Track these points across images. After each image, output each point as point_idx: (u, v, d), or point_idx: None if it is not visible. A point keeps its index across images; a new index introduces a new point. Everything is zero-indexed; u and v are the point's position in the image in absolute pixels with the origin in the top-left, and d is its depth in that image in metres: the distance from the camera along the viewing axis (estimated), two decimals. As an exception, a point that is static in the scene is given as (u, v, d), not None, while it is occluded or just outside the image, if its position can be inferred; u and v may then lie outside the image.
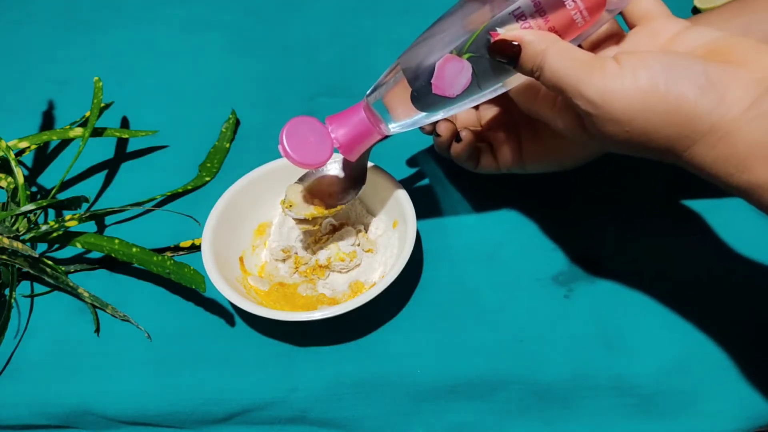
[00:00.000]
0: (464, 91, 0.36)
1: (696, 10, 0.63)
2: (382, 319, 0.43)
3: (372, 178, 0.46)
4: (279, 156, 0.47)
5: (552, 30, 0.33)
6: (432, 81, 0.35)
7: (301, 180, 0.44)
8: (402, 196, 0.44)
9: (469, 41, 0.34)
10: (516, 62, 0.33)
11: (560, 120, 0.35)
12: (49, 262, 0.44)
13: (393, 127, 0.39)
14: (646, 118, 0.30)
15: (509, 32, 0.33)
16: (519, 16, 0.33)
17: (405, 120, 0.38)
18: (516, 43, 0.33)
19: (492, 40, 0.34)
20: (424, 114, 0.37)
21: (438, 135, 0.43)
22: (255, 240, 0.47)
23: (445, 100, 0.36)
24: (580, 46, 0.35)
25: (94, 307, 0.43)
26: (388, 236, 0.45)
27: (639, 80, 0.30)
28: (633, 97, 0.30)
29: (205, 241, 0.42)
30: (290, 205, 0.43)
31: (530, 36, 0.33)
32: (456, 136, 0.43)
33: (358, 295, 0.40)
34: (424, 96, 0.36)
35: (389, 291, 0.39)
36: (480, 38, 0.34)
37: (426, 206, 0.48)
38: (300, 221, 0.44)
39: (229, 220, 0.45)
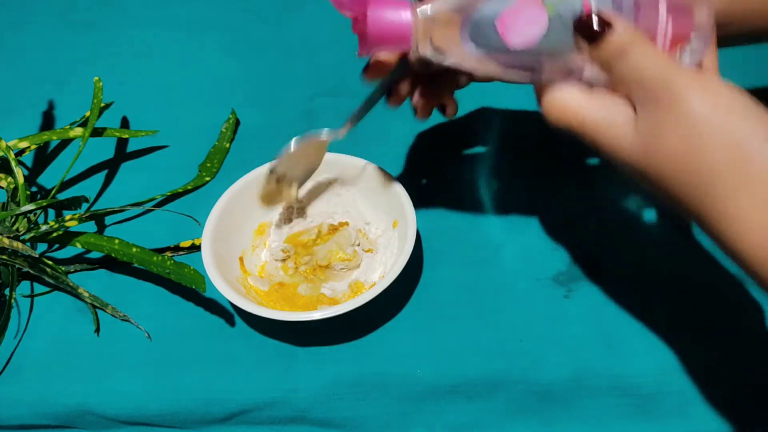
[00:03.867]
0: (520, 51, 0.32)
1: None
2: (382, 319, 0.43)
3: (372, 177, 0.46)
4: (278, 156, 0.47)
5: None
6: (500, 17, 0.31)
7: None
8: (402, 196, 0.44)
9: None
10: (598, 40, 0.31)
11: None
12: (49, 262, 0.44)
13: (425, 51, 0.34)
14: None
15: (604, 11, 0.31)
16: (618, 5, 0.32)
17: (442, 48, 0.33)
18: (609, 23, 0.30)
19: (584, 11, 0.31)
20: (465, 51, 0.33)
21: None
22: (255, 240, 0.47)
23: (495, 48, 0.32)
24: None
25: (94, 307, 0.43)
26: (388, 236, 0.45)
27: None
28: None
29: (205, 241, 0.42)
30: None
31: (624, 22, 0.31)
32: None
33: (358, 295, 0.40)
34: (479, 31, 0.32)
35: (389, 291, 0.39)
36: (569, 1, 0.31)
37: (426, 206, 0.48)
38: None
39: (229, 220, 0.45)
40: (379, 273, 0.44)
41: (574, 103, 0.32)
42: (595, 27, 0.31)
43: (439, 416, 0.41)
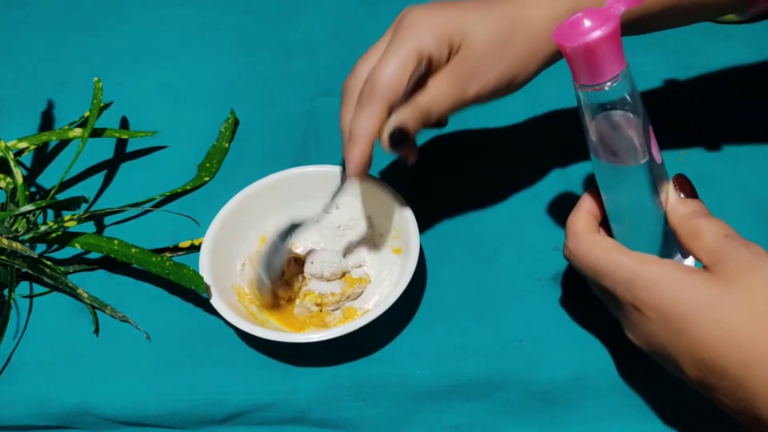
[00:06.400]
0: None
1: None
2: (381, 320, 0.43)
3: (375, 192, 0.45)
4: (276, 158, 0.47)
5: None
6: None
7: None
8: (410, 224, 0.42)
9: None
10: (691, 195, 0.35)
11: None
12: (48, 263, 0.43)
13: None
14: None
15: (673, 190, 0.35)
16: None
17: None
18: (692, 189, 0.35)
19: (677, 179, 0.35)
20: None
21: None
22: (253, 256, 0.46)
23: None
24: None
25: (93, 307, 0.43)
26: (392, 261, 0.45)
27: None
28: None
29: (203, 258, 0.42)
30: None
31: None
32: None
33: (351, 318, 0.40)
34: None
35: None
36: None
37: (425, 206, 0.48)
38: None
39: (228, 235, 0.44)
40: (374, 301, 0.44)
41: (626, 252, 0.34)
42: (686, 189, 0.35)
43: (439, 416, 0.41)
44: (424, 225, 0.47)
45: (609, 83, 0.31)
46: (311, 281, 0.45)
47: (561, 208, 0.47)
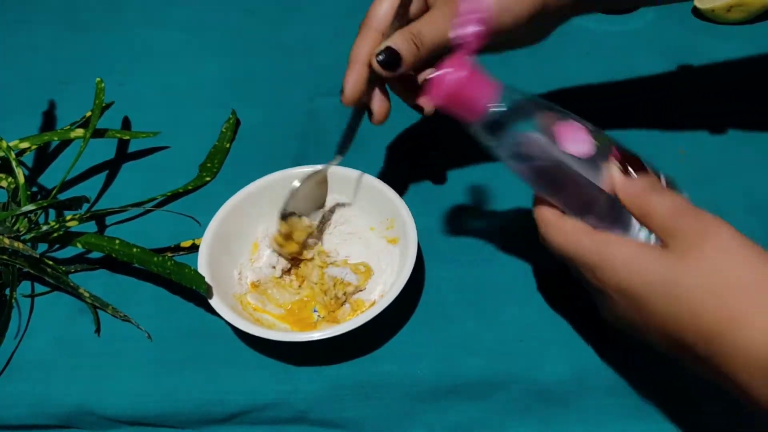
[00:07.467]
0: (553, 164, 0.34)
1: (696, 10, 0.63)
2: (382, 319, 0.43)
3: (370, 190, 0.45)
4: (277, 158, 0.47)
5: None
6: (557, 126, 0.34)
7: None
8: (403, 211, 0.43)
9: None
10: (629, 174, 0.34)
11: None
12: (50, 262, 0.44)
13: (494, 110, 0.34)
14: None
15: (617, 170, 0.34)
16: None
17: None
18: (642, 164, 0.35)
19: (622, 154, 0.35)
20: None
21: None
22: (252, 254, 0.46)
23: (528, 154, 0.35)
24: None
25: (95, 307, 0.43)
26: (390, 251, 0.45)
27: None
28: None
29: (202, 259, 0.42)
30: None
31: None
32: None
33: (358, 313, 0.40)
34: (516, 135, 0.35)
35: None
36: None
37: (425, 206, 0.48)
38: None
39: (227, 235, 0.44)
40: (379, 291, 0.44)
41: (589, 235, 0.34)
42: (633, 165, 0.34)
43: (439, 416, 0.41)
44: (423, 224, 0.47)
45: (491, 109, 0.33)
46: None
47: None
